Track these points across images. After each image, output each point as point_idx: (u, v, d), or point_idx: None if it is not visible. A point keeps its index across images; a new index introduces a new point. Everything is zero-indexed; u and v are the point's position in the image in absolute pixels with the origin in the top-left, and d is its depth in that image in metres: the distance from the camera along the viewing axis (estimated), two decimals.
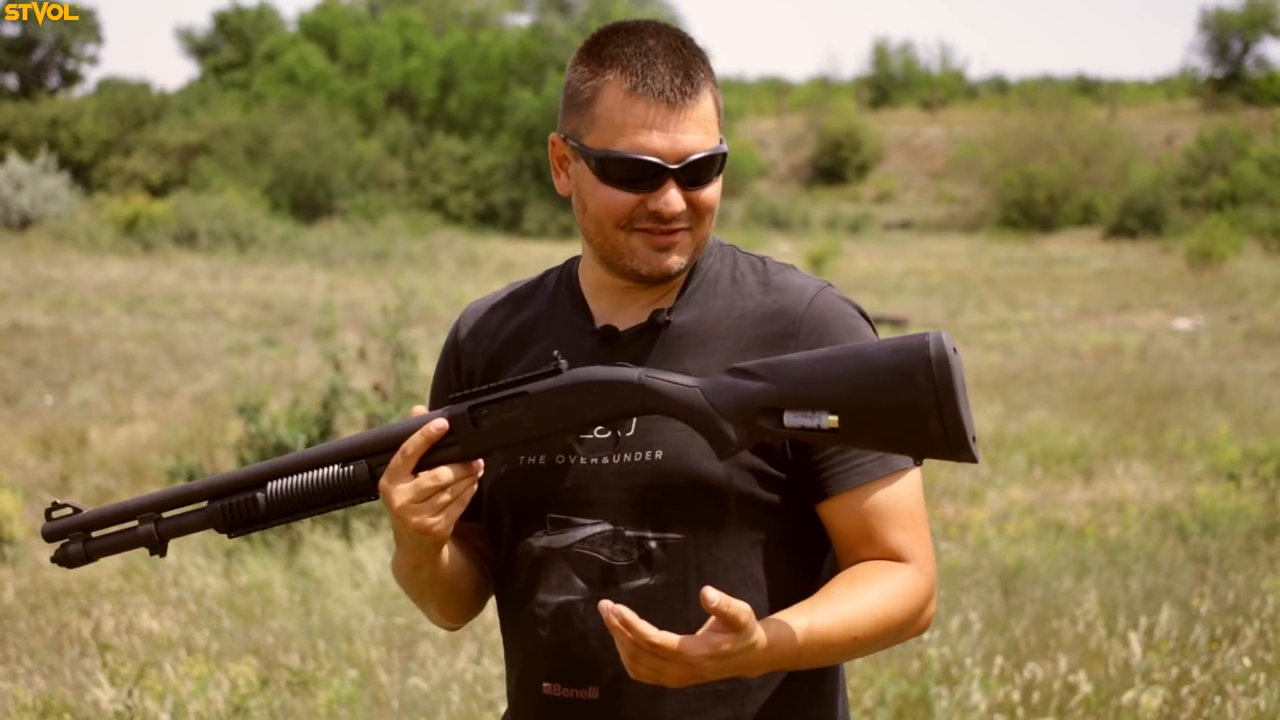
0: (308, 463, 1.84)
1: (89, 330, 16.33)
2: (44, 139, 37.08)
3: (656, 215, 1.84)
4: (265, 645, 5.37)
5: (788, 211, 37.62)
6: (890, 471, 1.84)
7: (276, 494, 1.84)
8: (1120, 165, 37.32)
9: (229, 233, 28.05)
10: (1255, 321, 17.46)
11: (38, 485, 8.86)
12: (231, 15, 50.46)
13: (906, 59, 57.62)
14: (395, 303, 8.00)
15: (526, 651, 1.94)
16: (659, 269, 1.87)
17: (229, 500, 1.85)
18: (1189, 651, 4.98)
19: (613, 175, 1.84)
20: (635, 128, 1.82)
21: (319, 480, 1.83)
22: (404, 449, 1.78)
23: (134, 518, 1.89)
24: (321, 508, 1.85)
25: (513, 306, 2.05)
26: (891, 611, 1.80)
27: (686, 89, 1.83)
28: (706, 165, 1.84)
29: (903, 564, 1.84)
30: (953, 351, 1.64)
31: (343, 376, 7.66)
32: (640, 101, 1.82)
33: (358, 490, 1.83)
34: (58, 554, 1.91)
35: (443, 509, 1.79)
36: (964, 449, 1.65)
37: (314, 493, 1.84)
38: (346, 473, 1.83)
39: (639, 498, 1.85)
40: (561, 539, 1.88)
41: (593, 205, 1.87)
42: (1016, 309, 19.96)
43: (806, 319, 1.88)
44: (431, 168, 38.71)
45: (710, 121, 1.86)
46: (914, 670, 4.81)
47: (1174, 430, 10.00)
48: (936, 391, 1.64)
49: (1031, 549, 6.68)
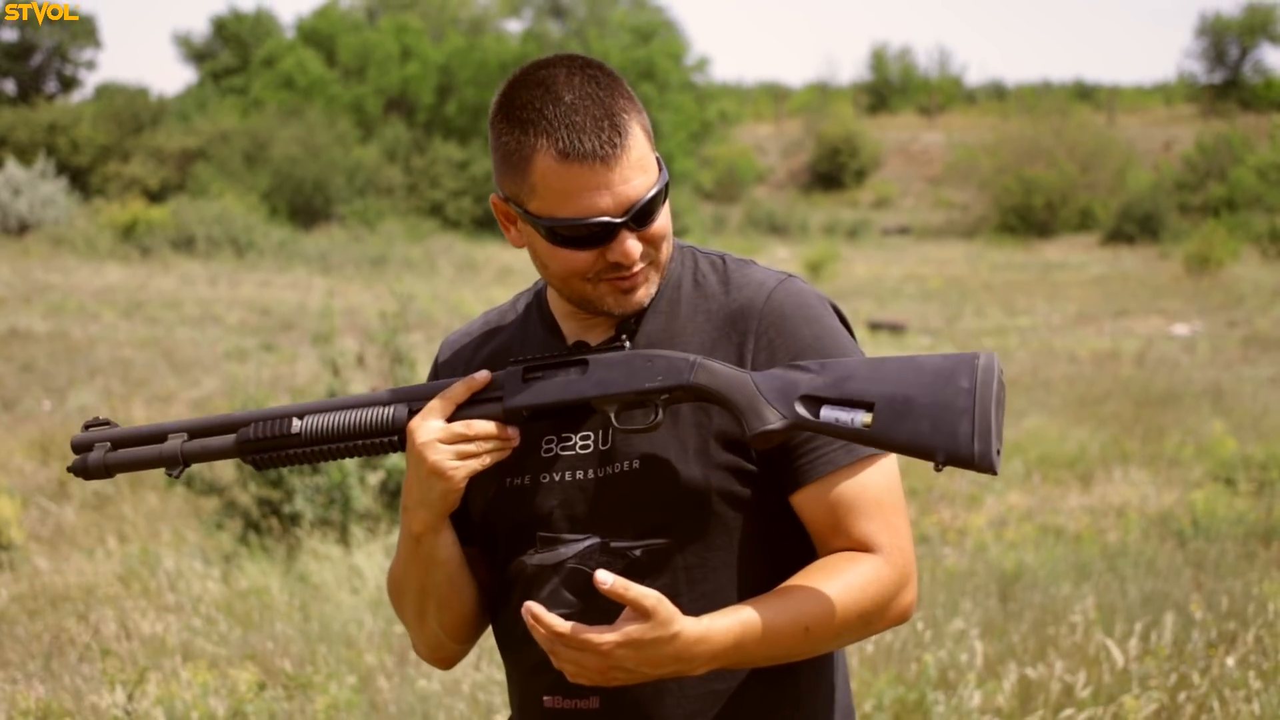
0: (346, 404, 1.85)
1: (87, 335, 16.33)
2: (42, 144, 37.07)
3: (617, 266, 1.84)
4: (264, 650, 5.37)
5: (786, 217, 37.65)
6: (856, 459, 1.84)
7: (311, 426, 1.83)
8: (1118, 171, 37.38)
9: (227, 238, 28.06)
10: (1253, 327, 17.47)
11: (36, 490, 8.86)
12: (229, 21, 50.49)
13: (905, 64, 57.67)
14: (393, 308, 8.00)
15: (524, 667, 1.95)
16: (629, 306, 1.88)
17: (261, 421, 1.84)
18: (1186, 657, 4.98)
19: (563, 239, 1.83)
20: (577, 192, 1.80)
21: (357, 418, 1.82)
22: (446, 392, 1.81)
23: (165, 438, 1.87)
24: (353, 447, 1.83)
25: (486, 335, 2.06)
26: (848, 601, 1.79)
27: (615, 140, 1.80)
28: (653, 203, 1.84)
29: (867, 554, 1.84)
30: (1000, 371, 1.70)
31: (341, 381, 7.65)
32: (574, 166, 1.79)
33: (394, 429, 1.82)
34: (76, 463, 1.89)
35: (465, 457, 1.80)
36: (987, 456, 1.69)
37: (349, 430, 1.82)
38: (386, 413, 1.82)
39: (622, 508, 1.87)
40: (553, 556, 1.88)
41: (553, 265, 1.86)
42: (1014, 314, 19.98)
43: (765, 313, 1.89)
44: (429, 173, 38.72)
45: (645, 158, 1.83)
46: (911, 674, 4.81)
47: (1172, 436, 10.01)
48: (976, 393, 1.70)
49: (1029, 554, 6.68)
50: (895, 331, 17.64)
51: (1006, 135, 39.72)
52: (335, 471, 7.25)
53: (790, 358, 1.85)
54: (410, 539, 1.89)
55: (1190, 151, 37.15)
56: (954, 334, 17.67)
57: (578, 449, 1.90)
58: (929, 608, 5.59)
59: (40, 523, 8.17)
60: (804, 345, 1.86)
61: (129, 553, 7.28)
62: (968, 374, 1.70)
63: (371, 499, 7.46)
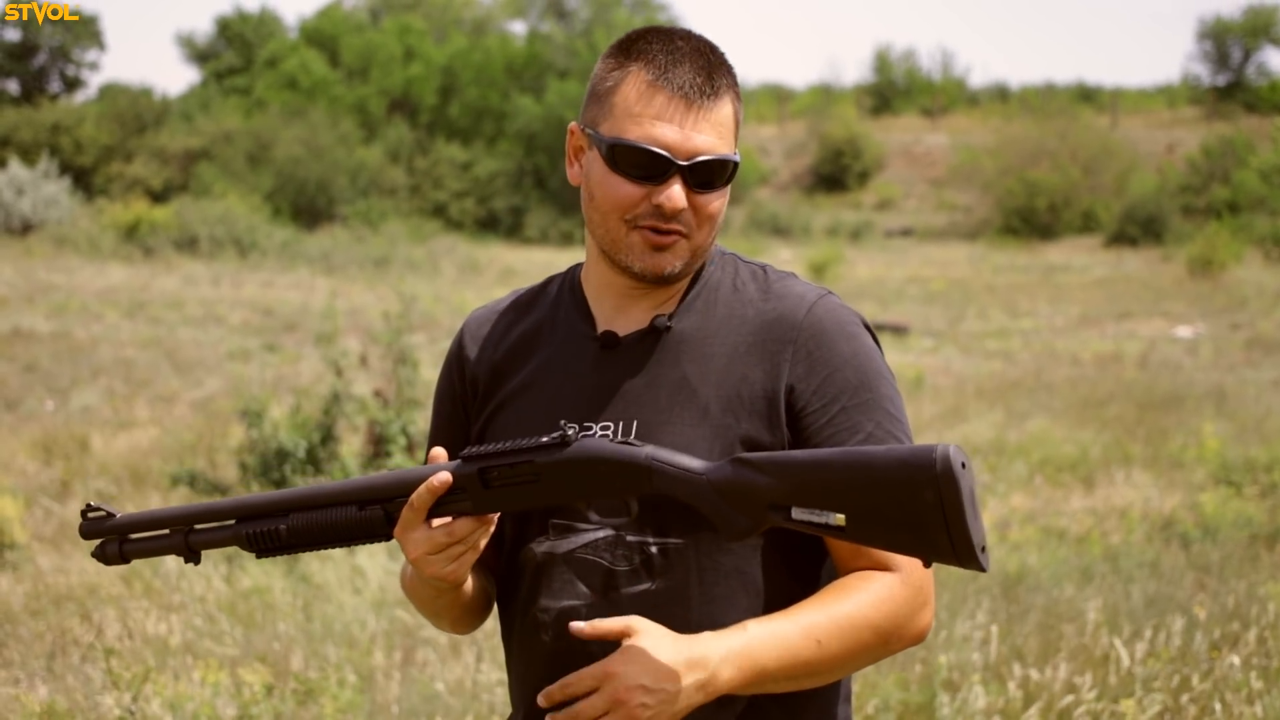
0: (328, 498, 1.88)
1: (90, 335, 16.34)
2: (45, 144, 37.12)
3: (659, 210, 1.84)
4: (269, 651, 5.37)
5: (789, 219, 37.64)
6: None
7: (299, 526, 1.89)
8: (1121, 173, 37.35)
9: (230, 238, 28.08)
10: (1256, 329, 17.46)
11: (39, 490, 8.86)
12: (233, 21, 50.51)
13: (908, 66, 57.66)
14: (396, 309, 8.01)
15: (528, 657, 1.94)
16: (653, 268, 1.87)
17: (255, 528, 1.91)
18: (1189, 658, 4.98)
19: (622, 163, 1.84)
20: (651, 118, 1.83)
21: (336, 519, 1.88)
22: (411, 502, 1.79)
23: (165, 527, 1.95)
24: (339, 543, 1.89)
25: (515, 314, 2.05)
26: (860, 617, 1.79)
27: (706, 89, 1.84)
28: (715, 169, 1.85)
29: (885, 572, 1.83)
30: (961, 467, 1.62)
31: (344, 382, 7.66)
32: (660, 94, 1.83)
33: (373, 533, 1.87)
34: (96, 551, 1.96)
35: (457, 558, 1.81)
36: (971, 560, 1.63)
37: (331, 530, 1.88)
38: (362, 516, 1.86)
39: (641, 503, 1.85)
40: (564, 544, 1.89)
41: (600, 195, 1.87)
42: (1017, 316, 19.97)
43: (805, 326, 1.88)
44: (433, 174, 38.76)
45: (726, 128, 1.87)
46: (917, 675, 4.81)
47: (1175, 438, 10.00)
48: (944, 509, 1.62)
49: (1033, 556, 6.68)
50: (898, 333, 17.64)
51: (1009, 137, 39.70)
52: (338, 472, 7.26)
53: (828, 371, 1.85)
54: (428, 594, 1.93)
55: (1194, 154, 37.12)
56: (957, 336, 17.66)
57: (598, 437, 1.89)
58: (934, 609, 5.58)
59: (43, 522, 8.17)
60: (842, 360, 1.86)
61: None
62: (930, 488, 1.61)
63: None
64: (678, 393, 1.88)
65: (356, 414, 7.63)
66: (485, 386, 2.01)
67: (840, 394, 1.85)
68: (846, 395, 1.85)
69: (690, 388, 1.87)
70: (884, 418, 1.86)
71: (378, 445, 7.63)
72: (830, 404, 1.85)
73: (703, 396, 1.87)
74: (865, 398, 1.86)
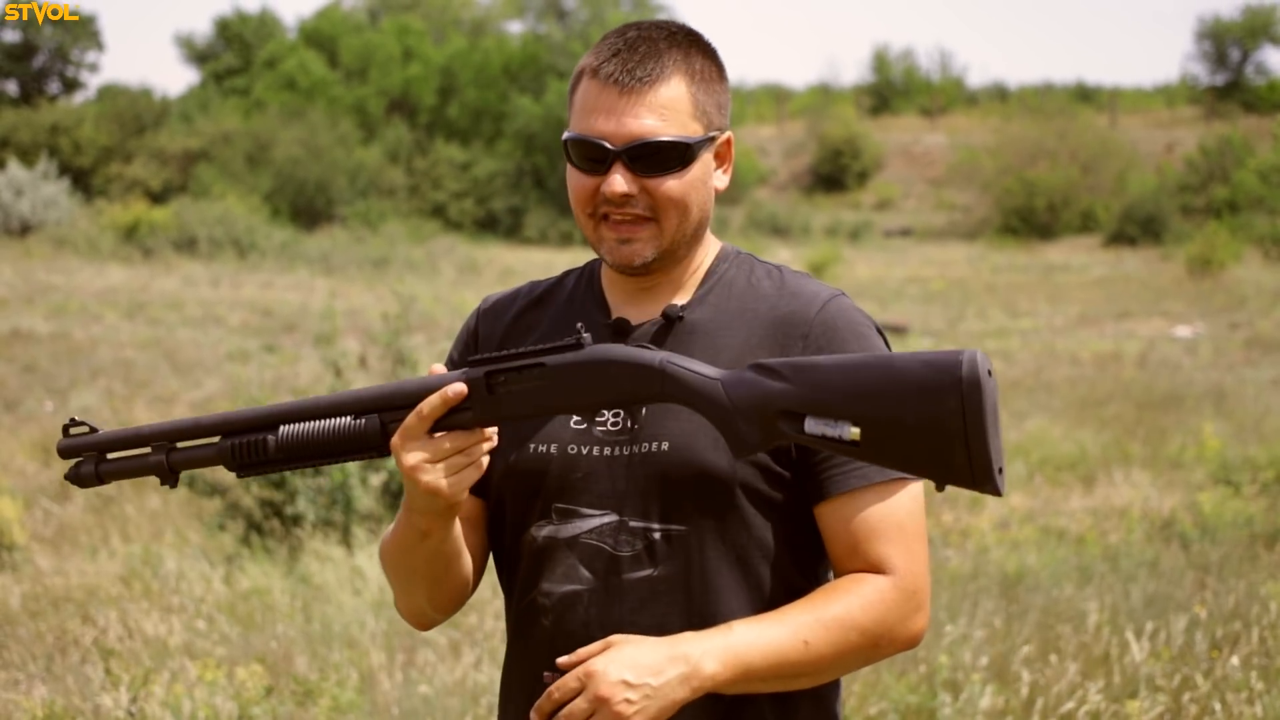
0: (321, 410, 1.83)
1: (89, 336, 16.34)
2: (44, 145, 37.10)
3: (607, 199, 1.87)
4: (267, 651, 5.37)
5: (788, 219, 37.64)
6: (890, 478, 1.83)
7: (287, 438, 1.83)
8: (1120, 173, 37.35)
9: (229, 239, 28.07)
10: (1255, 329, 17.46)
11: (38, 491, 8.86)
12: (232, 21, 50.48)
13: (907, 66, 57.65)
14: (395, 309, 8.01)
15: (529, 640, 1.94)
16: (624, 259, 1.89)
17: (240, 439, 1.84)
18: (1190, 658, 4.98)
19: (575, 158, 1.89)
20: (589, 111, 1.88)
21: (330, 430, 1.82)
22: (420, 409, 1.76)
23: (148, 444, 1.89)
24: (330, 458, 1.84)
25: (531, 302, 2.06)
26: (849, 620, 1.78)
27: (639, 74, 1.85)
28: (657, 151, 1.85)
29: (877, 574, 1.82)
30: (987, 374, 1.58)
31: (343, 383, 7.65)
32: (594, 84, 1.88)
33: (367, 445, 1.81)
34: (71, 472, 1.91)
35: (457, 470, 1.77)
36: (988, 480, 1.59)
37: (324, 442, 1.82)
38: (358, 426, 1.81)
39: (645, 489, 1.86)
40: (567, 529, 1.90)
41: (570, 190, 1.93)
42: (1017, 316, 19.97)
43: (817, 323, 1.89)
44: (432, 174, 38.74)
45: (671, 110, 1.86)
46: (918, 675, 4.81)
47: (1174, 437, 10.00)
48: (965, 416, 1.57)
49: (1032, 556, 6.68)
50: (897, 333, 17.64)
51: (1008, 137, 39.68)
52: (337, 473, 7.25)
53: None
54: (415, 534, 1.87)
55: (1192, 153, 37.12)
56: (956, 336, 17.66)
57: (609, 424, 1.90)
58: (933, 609, 5.58)
59: (43, 523, 8.18)
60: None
61: (131, 553, 7.28)
62: (953, 392, 1.56)
63: (373, 500, 7.45)
64: None
65: None
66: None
67: None
68: None
69: None
70: None
71: None
72: None
73: None
74: None
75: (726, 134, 1.94)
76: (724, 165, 1.95)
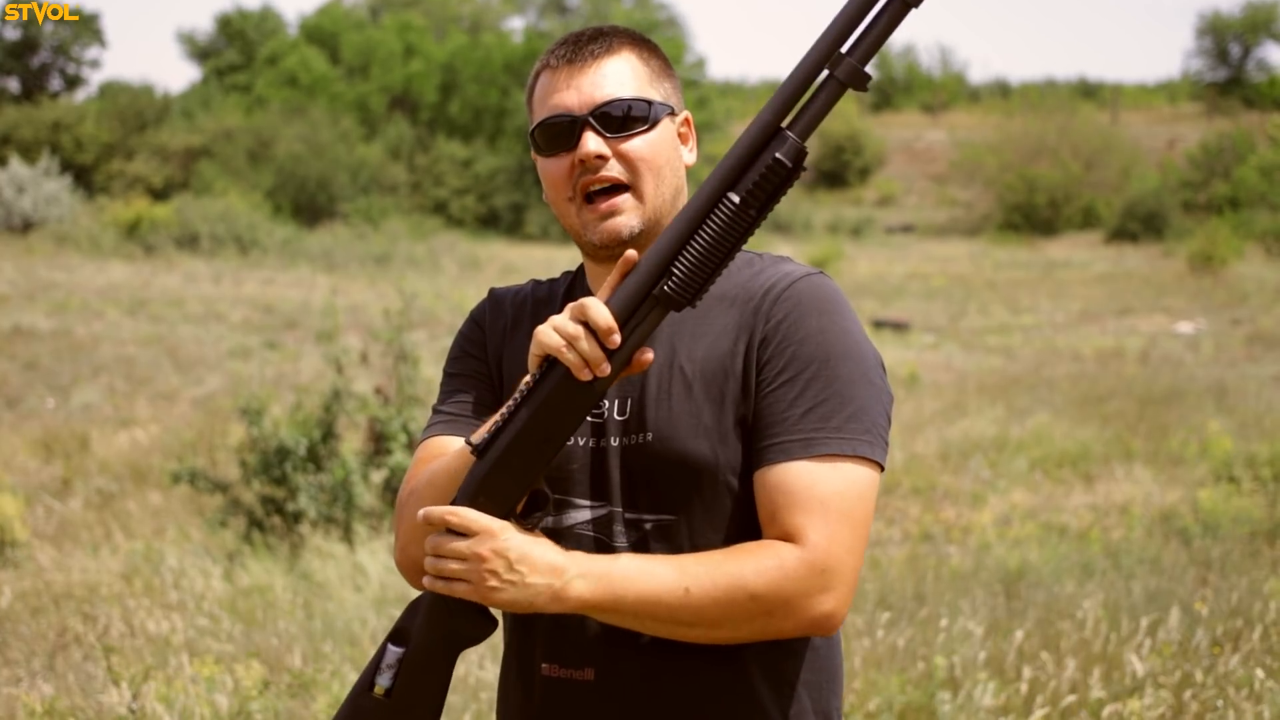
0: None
1: (91, 333, 16.34)
2: (46, 142, 37.08)
3: (583, 166, 1.89)
4: (268, 648, 5.37)
5: (789, 215, 37.61)
6: (816, 454, 1.80)
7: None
8: (1122, 169, 37.34)
9: (231, 236, 28.06)
10: (1257, 325, 17.46)
11: (39, 488, 8.87)
12: (234, 18, 50.52)
13: (908, 62, 57.64)
14: (397, 306, 8.00)
15: (526, 631, 1.96)
16: (610, 235, 1.90)
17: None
18: (1191, 655, 4.98)
19: (543, 145, 1.93)
20: (550, 95, 1.92)
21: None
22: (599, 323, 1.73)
23: None
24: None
25: (536, 304, 2.08)
26: (739, 579, 1.75)
27: (591, 48, 1.92)
28: (623, 110, 1.89)
29: (785, 543, 1.78)
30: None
31: (345, 380, 7.65)
32: (549, 72, 1.93)
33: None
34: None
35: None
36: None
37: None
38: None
39: (634, 480, 1.89)
40: (564, 520, 1.91)
41: (545, 185, 1.95)
42: (1018, 312, 19.96)
43: (783, 298, 1.87)
44: (433, 171, 38.74)
45: (628, 74, 1.91)
46: (919, 672, 4.81)
47: (1175, 434, 10.00)
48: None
49: (1034, 552, 6.67)
50: (899, 330, 17.63)
51: (1010, 133, 39.68)
52: (339, 470, 7.26)
53: (791, 341, 1.84)
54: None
55: (1194, 149, 37.11)
56: (958, 332, 17.66)
57: (602, 416, 1.92)
58: (934, 605, 5.58)
59: (44, 520, 8.18)
60: (806, 334, 1.85)
61: (133, 550, 7.28)
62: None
63: (375, 497, 7.46)
64: (668, 370, 1.89)
65: (357, 411, 7.62)
66: (494, 350, 2.05)
67: (793, 363, 1.84)
68: (798, 365, 1.83)
69: (679, 365, 1.89)
70: (832, 396, 1.82)
71: (378, 443, 7.63)
72: (782, 371, 1.84)
73: (689, 374, 1.88)
74: (818, 372, 1.83)
75: (684, 113, 1.99)
76: (688, 144, 1.99)
